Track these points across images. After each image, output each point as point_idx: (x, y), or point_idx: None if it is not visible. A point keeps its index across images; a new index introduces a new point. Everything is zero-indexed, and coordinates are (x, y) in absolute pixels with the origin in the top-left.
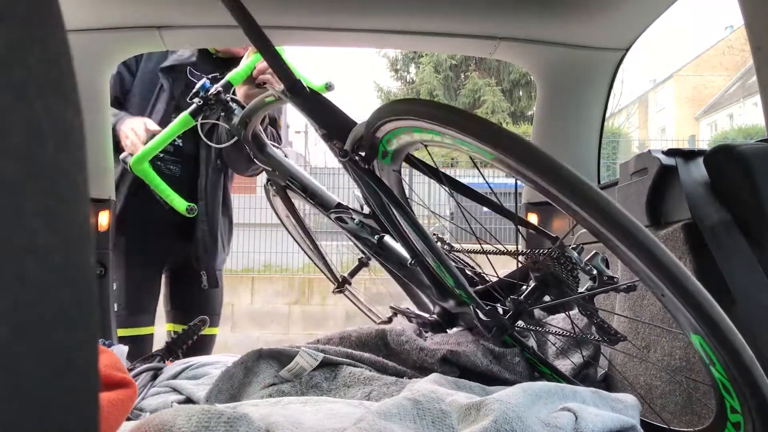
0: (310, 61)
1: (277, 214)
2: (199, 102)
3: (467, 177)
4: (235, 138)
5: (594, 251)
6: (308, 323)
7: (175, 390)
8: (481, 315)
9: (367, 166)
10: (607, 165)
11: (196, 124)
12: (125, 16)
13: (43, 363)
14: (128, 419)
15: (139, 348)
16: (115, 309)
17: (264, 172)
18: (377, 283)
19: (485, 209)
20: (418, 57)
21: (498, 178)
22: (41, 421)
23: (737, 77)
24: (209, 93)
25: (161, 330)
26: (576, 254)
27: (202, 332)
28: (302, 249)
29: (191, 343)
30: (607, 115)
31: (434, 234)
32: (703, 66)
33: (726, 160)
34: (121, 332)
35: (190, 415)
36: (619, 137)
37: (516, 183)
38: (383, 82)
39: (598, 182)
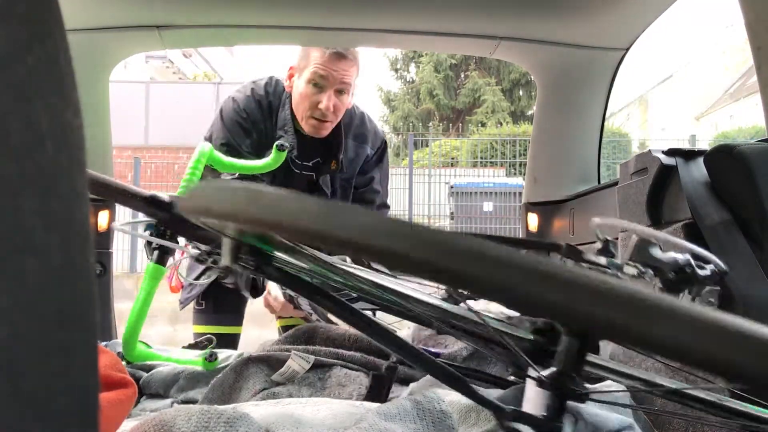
0: None
1: None
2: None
3: (467, 176)
4: None
5: (634, 240)
6: None
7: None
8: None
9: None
10: (607, 165)
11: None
12: (125, 16)
13: (43, 363)
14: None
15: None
16: (202, 306)
17: None
18: None
19: (486, 209)
20: (418, 56)
21: (498, 178)
22: (41, 422)
23: (738, 77)
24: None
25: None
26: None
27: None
28: None
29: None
30: (607, 114)
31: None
32: (704, 65)
33: (726, 160)
34: (202, 329)
35: (190, 415)
36: (619, 137)
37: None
38: (384, 82)
39: (599, 182)
